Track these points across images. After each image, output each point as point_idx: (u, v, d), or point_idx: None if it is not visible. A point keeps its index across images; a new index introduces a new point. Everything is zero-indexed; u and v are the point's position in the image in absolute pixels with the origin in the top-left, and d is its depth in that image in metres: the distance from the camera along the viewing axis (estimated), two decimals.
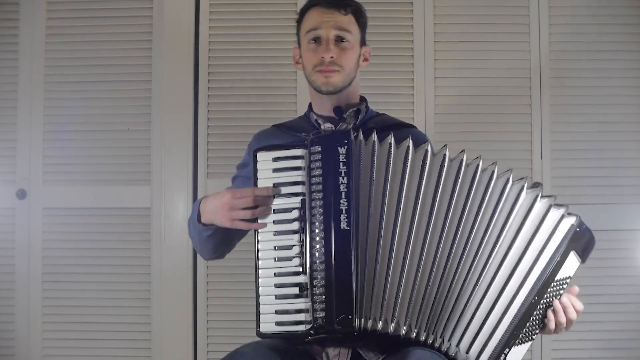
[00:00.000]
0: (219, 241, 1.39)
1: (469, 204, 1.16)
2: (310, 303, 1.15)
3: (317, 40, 1.38)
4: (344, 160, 1.16)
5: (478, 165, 1.16)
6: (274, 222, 1.20)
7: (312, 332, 1.15)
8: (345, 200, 1.15)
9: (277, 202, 1.20)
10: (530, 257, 1.16)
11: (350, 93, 1.43)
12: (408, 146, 1.18)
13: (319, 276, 1.14)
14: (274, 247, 1.20)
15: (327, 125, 1.42)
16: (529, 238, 1.16)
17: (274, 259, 1.19)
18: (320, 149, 1.17)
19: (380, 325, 1.15)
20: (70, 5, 2.25)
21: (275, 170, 1.20)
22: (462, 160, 1.17)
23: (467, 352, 1.16)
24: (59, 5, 2.25)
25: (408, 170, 1.17)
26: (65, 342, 2.21)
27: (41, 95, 2.23)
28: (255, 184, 1.22)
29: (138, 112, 2.24)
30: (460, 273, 1.16)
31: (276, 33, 2.20)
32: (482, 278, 1.16)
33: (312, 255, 1.15)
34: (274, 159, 1.21)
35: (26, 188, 2.22)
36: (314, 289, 1.14)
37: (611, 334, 2.15)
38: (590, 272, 2.14)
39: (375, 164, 1.18)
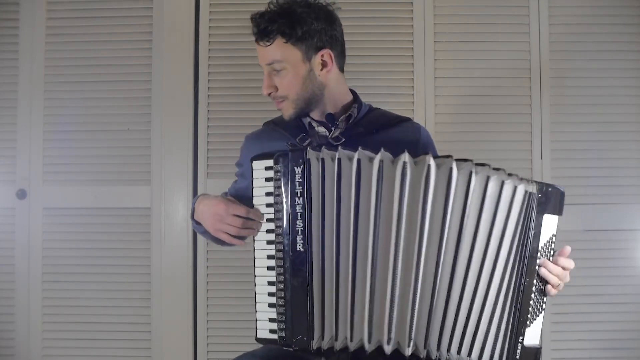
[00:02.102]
0: (213, 237, 1.40)
1: (430, 210, 1.11)
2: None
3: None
4: (300, 180, 1.15)
5: (430, 165, 1.10)
6: (267, 230, 1.22)
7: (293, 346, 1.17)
8: (300, 221, 1.15)
9: (269, 211, 1.21)
10: (506, 246, 1.14)
11: (330, 100, 1.39)
12: (381, 160, 1.12)
13: (281, 294, 1.16)
14: (267, 255, 1.21)
15: (321, 130, 1.41)
16: (490, 223, 1.12)
17: (267, 267, 1.21)
18: (281, 167, 1.17)
19: (347, 343, 1.15)
20: (70, 5, 2.25)
21: (268, 179, 1.21)
22: (429, 165, 1.09)
23: (470, 355, 1.15)
24: (59, 5, 2.25)
25: (383, 186, 1.12)
26: (65, 342, 2.21)
27: (41, 95, 2.23)
28: (252, 193, 1.24)
29: (138, 112, 2.24)
30: (440, 288, 1.12)
31: None
32: (465, 287, 1.13)
33: (276, 268, 1.17)
34: (266, 168, 1.22)
35: (26, 188, 2.22)
36: (279, 306, 1.16)
37: (611, 334, 2.15)
38: (590, 272, 2.15)
39: (342, 182, 1.13)
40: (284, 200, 1.17)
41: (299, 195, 1.15)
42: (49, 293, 2.21)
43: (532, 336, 1.19)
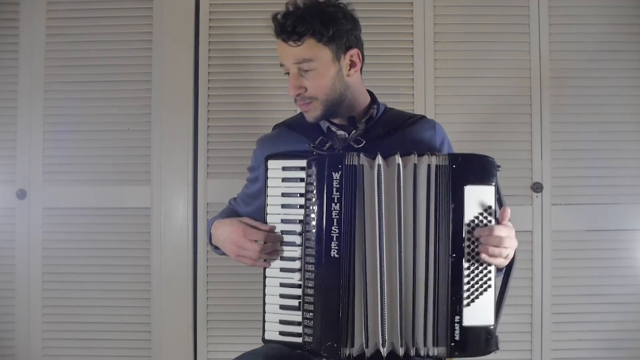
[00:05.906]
0: None
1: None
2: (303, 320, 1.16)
3: (287, 72, 1.33)
4: (337, 186, 1.14)
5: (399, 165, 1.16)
6: (282, 232, 1.21)
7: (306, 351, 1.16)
8: (336, 227, 1.13)
9: (285, 212, 1.20)
10: (432, 228, 1.15)
11: (352, 102, 1.38)
12: (398, 164, 1.16)
13: (310, 300, 1.15)
14: (280, 257, 1.20)
15: (340, 133, 1.39)
16: (413, 205, 1.15)
17: (280, 269, 1.20)
18: (315, 171, 1.16)
19: (372, 350, 1.16)
20: (70, 5, 2.25)
21: (285, 179, 1.20)
22: (398, 164, 1.16)
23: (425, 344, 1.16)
24: (59, 5, 2.25)
25: (396, 190, 1.15)
26: (65, 342, 2.21)
27: (41, 95, 2.23)
28: (266, 193, 1.22)
29: (138, 112, 2.24)
30: (409, 277, 1.17)
31: None
32: (417, 270, 1.16)
33: (304, 273, 1.16)
34: (284, 168, 1.20)
35: (26, 188, 2.22)
36: (305, 311, 1.15)
37: (611, 334, 2.15)
38: (591, 272, 2.15)
39: (365, 188, 1.16)
40: (316, 205, 1.15)
41: (335, 201, 1.13)
42: (49, 293, 2.21)
43: (476, 315, 1.15)
